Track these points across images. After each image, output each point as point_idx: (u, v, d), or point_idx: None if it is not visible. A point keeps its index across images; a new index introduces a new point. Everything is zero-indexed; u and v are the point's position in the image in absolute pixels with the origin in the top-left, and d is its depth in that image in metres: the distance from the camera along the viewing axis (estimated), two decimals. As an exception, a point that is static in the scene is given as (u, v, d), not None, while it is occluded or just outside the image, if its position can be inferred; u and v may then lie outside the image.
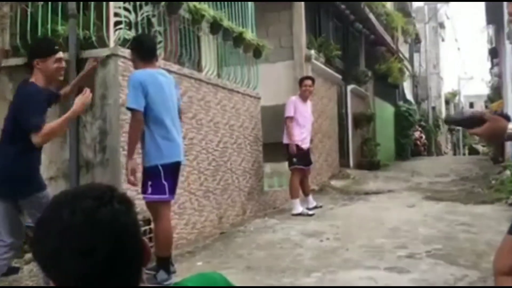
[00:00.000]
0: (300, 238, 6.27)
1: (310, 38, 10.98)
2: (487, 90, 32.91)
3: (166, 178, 4.42)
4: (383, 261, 5.12)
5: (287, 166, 8.13)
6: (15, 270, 4.45)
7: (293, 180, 8.05)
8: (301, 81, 8.28)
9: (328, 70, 11.60)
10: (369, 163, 14.27)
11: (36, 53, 3.85)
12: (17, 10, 5.47)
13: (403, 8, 22.67)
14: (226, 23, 7.18)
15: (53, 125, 3.70)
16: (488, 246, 5.36)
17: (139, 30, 5.58)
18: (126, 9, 5.49)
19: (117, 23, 5.33)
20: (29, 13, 5.34)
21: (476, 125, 2.21)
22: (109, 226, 1.02)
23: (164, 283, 4.43)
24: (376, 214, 7.70)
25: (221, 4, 7.34)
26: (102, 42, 5.14)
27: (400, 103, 20.54)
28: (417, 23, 25.68)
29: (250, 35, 7.85)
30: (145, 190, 4.43)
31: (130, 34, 5.38)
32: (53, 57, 3.78)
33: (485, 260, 4.87)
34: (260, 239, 6.25)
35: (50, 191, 3.86)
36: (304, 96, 8.15)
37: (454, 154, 35.41)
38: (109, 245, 1.01)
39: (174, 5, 6.07)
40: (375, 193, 10.13)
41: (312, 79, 8.40)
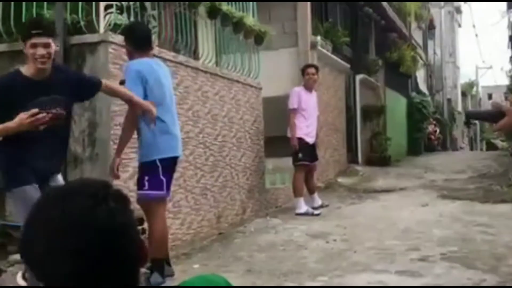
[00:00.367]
0: (305, 240, 6.28)
1: (316, 24, 10.96)
2: (507, 81, 32.83)
3: (164, 174, 4.46)
4: (394, 264, 5.14)
5: (291, 162, 8.14)
6: (-2, 272, 4.46)
7: (297, 177, 8.07)
8: (304, 70, 8.28)
9: (335, 58, 11.59)
10: (379, 159, 14.27)
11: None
12: (-1, -7, 5.46)
13: (416, -9, 22.63)
14: (225, 7, 7.17)
15: None
16: (508, 249, 5.37)
17: (132, 14, 5.57)
18: (117, -9, 5.49)
19: (107, 7, 5.33)
20: (12, -4, 5.34)
21: (498, 119, 2.22)
22: (104, 226, 1.02)
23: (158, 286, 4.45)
24: (387, 214, 7.71)
25: (220, -14, 7.33)
26: (91, 28, 5.13)
27: (413, 94, 20.52)
28: (431, 8, 25.62)
29: (251, 20, 7.84)
30: (142, 186, 4.47)
31: (121, 19, 5.37)
32: (28, 42, 3.73)
33: (504, 264, 4.90)
34: (261, 240, 6.27)
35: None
36: (308, 86, 8.15)
37: (471, 149, 35.42)
38: (104, 246, 1.01)
39: (169, -13, 6.07)
40: (386, 191, 10.15)
41: (316, 67, 8.40)
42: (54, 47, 3.79)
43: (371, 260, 5.32)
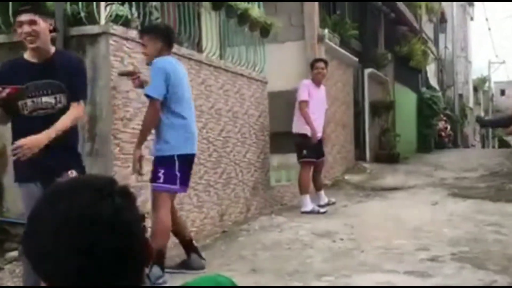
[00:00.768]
0: (310, 238, 6.28)
1: (324, 16, 10.94)
2: (520, 76, 32.71)
3: (180, 169, 4.68)
4: (403, 264, 5.13)
5: (297, 158, 8.14)
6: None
7: (303, 174, 8.06)
8: (313, 64, 8.28)
9: (343, 51, 11.57)
10: (388, 156, 14.25)
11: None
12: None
13: (427, -17, 22.56)
14: (230, -2, 7.16)
15: None
16: (520, 249, 5.36)
17: (133, 5, 5.58)
18: (118, -19, 5.48)
19: (108, -3, 5.32)
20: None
21: (510, 123, 2.22)
22: (109, 221, 1.02)
23: (157, 281, 4.48)
24: (395, 212, 7.70)
25: (225, -23, 7.32)
26: (92, 19, 5.13)
27: (423, 89, 20.47)
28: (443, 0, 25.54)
29: (256, 12, 7.83)
30: (156, 179, 4.68)
31: (123, 10, 5.37)
32: (17, 22, 3.74)
33: (516, 265, 4.88)
34: (266, 239, 6.27)
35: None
36: (317, 80, 8.15)
37: (482, 146, 35.35)
38: (109, 243, 1.02)
39: (172, -22, 6.06)
40: (394, 189, 10.14)
41: (325, 62, 8.39)
42: (43, 25, 3.70)
43: (379, 260, 5.31)
